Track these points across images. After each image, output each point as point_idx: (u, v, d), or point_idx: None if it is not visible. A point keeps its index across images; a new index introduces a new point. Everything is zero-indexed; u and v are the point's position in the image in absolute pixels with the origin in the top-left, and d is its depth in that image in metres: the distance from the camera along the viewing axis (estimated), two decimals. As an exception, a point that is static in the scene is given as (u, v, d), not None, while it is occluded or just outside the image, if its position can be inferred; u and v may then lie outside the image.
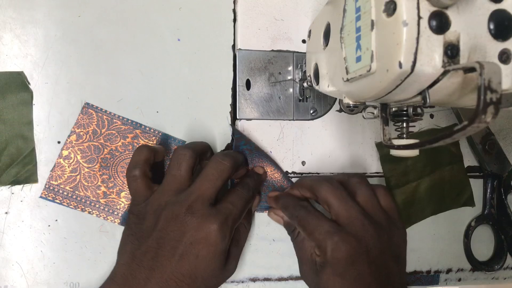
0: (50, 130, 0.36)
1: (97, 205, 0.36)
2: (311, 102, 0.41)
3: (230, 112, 0.39)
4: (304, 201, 0.36)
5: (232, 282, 0.39)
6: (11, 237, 0.35)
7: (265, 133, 0.40)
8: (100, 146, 0.36)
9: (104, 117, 0.36)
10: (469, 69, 0.20)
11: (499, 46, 0.22)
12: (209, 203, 0.32)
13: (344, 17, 0.27)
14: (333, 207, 0.33)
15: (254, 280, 0.40)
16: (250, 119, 0.40)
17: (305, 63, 0.39)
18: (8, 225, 0.35)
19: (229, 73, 0.39)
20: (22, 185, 0.35)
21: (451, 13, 0.21)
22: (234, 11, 0.40)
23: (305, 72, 0.39)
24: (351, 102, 0.29)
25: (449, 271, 0.45)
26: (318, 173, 0.41)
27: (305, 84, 0.39)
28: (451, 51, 0.21)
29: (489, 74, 0.18)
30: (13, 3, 0.35)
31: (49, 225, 0.36)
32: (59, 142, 0.36)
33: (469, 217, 0.45)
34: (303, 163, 0.41)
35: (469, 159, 0.45)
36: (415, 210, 0.43)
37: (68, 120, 0.36)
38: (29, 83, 0.35)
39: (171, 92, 0.38)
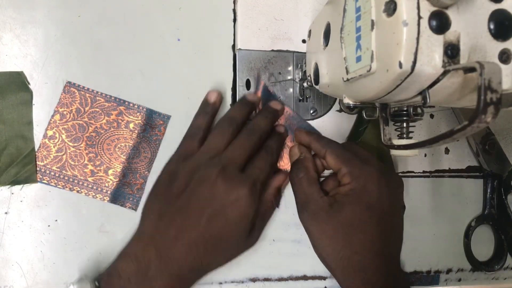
0: (50, 130, 0.36)
1: (85, 184, 0.36)
2: (311, 102, 0.41)
3: (230, 112, 0.39)
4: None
5: (232, 282, 0.39)
6: (11, 237, 0.35)
7: (265, 133, 0.40)
8: (84, 125, 0.36)
9: (87, 95, 0.36)
10: (469, 69, 0.20)
11: (499, 46, 0.22)
12: (239, 169, 0.34)
13: (344, 17, 0.27)
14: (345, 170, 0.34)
15: (254, 280, 0.40)
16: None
17: (305, 63, 0.39)
18: (8, 225, 0.35)
19: (229, 73, 0.39)
20: (21, 185, 0.35)
21: (451, 13, 0.21)
22: (234, 11, 0.40)
23: (305, 72, 0.39)
24: (351, 102, 0.29)
25: (449, 271, 0.45)
26: (318, 173, 0.41)
27: (305, 84, 0.39)
28: (451, 51, 0.21)
29: (489, 74, 0.18)
30: (13, 3, 0.35)
31: (49, 225, 0.35)
32: (59, 142, 0.36)
33: (469, 217, 0.45)
34: (303, 163, 0.41)
35: (469, 159, 0.45)
36: None
37: (68, 120, 0.36)
38: (29, 83, 0.35)
39: (171, 92, 0.38)
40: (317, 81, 0.35)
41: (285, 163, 0.40)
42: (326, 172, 0.38)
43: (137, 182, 0.37)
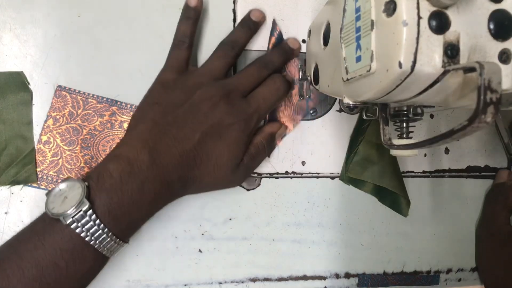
0: (50, 130, 0.36)
1: None
2: (311, 102, 0.41)
3: (230, 112, 0.39)
4: None
5: (232, 282, 0.39)
6: (10, 237, 0.35)
7: (265, 133, 0.40)
8: (78, 128, 0.36)
9: (79, 97, 0.36)
10: (469, 69, 0.20)
11: (499, 46, 0.22)
12: (243, 96, 0.35)
13: (344, 17, 0.27)
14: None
15: (254, 280, 0.40)
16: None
17: (305, 63, 0.39)
18: (8, 225, 0.35)
19: (229, 73, 0.39)
20: (21, 185, 0.35)
21: (451, 13, 0.21)
22: (234, 11, 0.40)
23: (305, 72, 0.39)
24: (351, 102, 0.29)
25: (449, 271, 0.45)
26: (318, 173, 0.41)
27: (305, 84, 0.39)
28: (451, 51, 0.21)
29: (489, 74, 0.18)
30: (13, 3, 0.35)
31: (49, 225, 0.35)
32: (59, 142, 0.36)
33: (469, 217, 0.45)
34: (303, 163, 0.41)
35: (469, 159, 0.45)
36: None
37: (68, 120, 0.36)
38: (28, 83, 0.35)
39: (171, 92, 0.38)
40: (317, 81, 0.35)
41: (281, 116, 0.40)
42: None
43: None
